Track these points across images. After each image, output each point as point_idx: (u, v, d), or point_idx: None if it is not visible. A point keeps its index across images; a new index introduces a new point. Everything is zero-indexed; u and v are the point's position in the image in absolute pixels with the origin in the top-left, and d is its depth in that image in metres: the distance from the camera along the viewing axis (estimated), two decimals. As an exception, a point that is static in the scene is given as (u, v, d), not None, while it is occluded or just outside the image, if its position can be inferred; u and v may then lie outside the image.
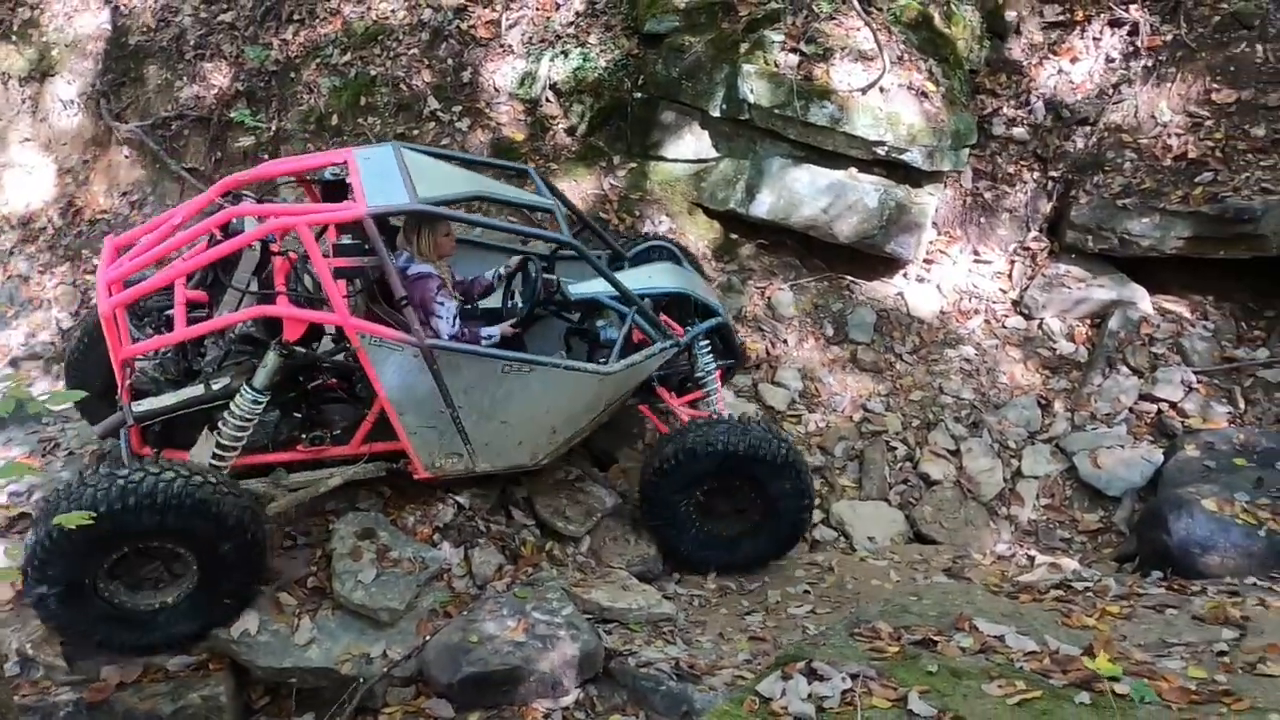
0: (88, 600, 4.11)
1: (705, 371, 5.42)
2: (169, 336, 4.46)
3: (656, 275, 5.52)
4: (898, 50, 7.08)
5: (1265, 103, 6.95)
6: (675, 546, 5.30)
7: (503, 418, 4.68)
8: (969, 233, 7.56)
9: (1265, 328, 6.88)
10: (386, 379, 4.42)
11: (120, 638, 4.26)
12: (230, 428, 4.40)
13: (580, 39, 7.81)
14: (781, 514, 5.16)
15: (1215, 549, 5.13)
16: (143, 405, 4.36)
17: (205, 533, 4.12)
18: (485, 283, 5.32)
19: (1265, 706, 2.79)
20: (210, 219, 4.58)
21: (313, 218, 4.43)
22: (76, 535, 3.81)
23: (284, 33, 8.64)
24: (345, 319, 4.32)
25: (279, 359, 4.34)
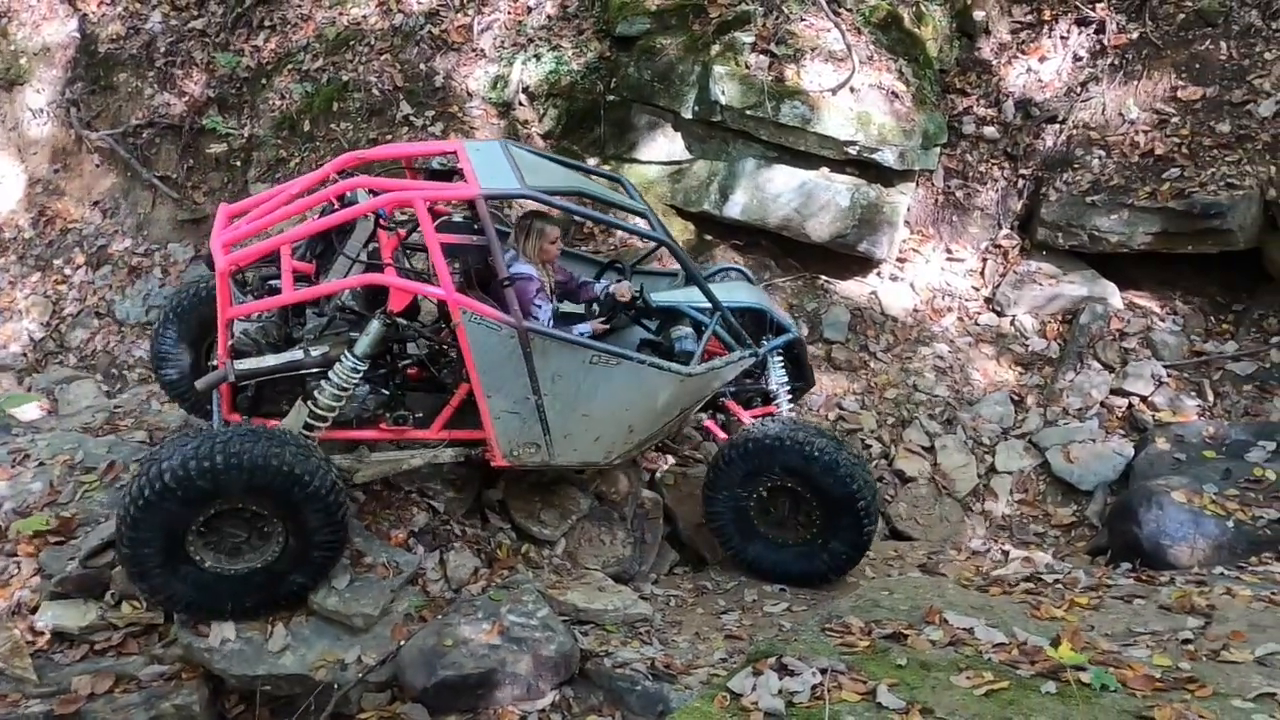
0: (178, 559, 4.16)
1: (777, 385, 5.44)
2: (276, 299, 4.58)
3: (733, 291, 5.58)
4: (867, 51, 7.13)
5: (1230, 99, 7.04)
6: (733, 547, 5.28)
7: (585, 410, 4.72)
8: (941, 231, 7.61)
9: (1233, 321, 6.97)
10: (480, 358, 4.49)
11: (200, 600, 4.29)
12: (326, 396, 4.46)
13: (552, 42, 7.82)
14: (841, 527, 5.02)
15: (1185, 540, 5.19)
16: (244, 364, 4.42)
17: (293, 497, 4.16)
18: (592, 293, 5.37)
19: (1228, 693, 2.82)
20: (328, 190, 4.73)
21: (429, 193, 4.59)
22: (170, 493, 3.97)
23: (255, 39, 8.61)
24: (450, 293, 4.41)
25: (382, 327, 4.42)
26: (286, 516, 4.22)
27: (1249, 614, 3.48)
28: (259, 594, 4.33)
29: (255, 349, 4.57)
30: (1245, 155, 6.82)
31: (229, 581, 4.27)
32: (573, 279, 5.42)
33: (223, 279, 4.44)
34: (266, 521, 4.25)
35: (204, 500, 4.09)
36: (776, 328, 5.45)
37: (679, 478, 6.01)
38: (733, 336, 5.13)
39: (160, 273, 8.18)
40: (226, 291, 4.48)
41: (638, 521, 5.60)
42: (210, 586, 4.26)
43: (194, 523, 4.14)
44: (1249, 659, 3.05)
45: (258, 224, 4.69)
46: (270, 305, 4.60)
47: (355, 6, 8.38)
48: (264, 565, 4.28)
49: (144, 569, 4.17)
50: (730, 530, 5.23)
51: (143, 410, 6.35)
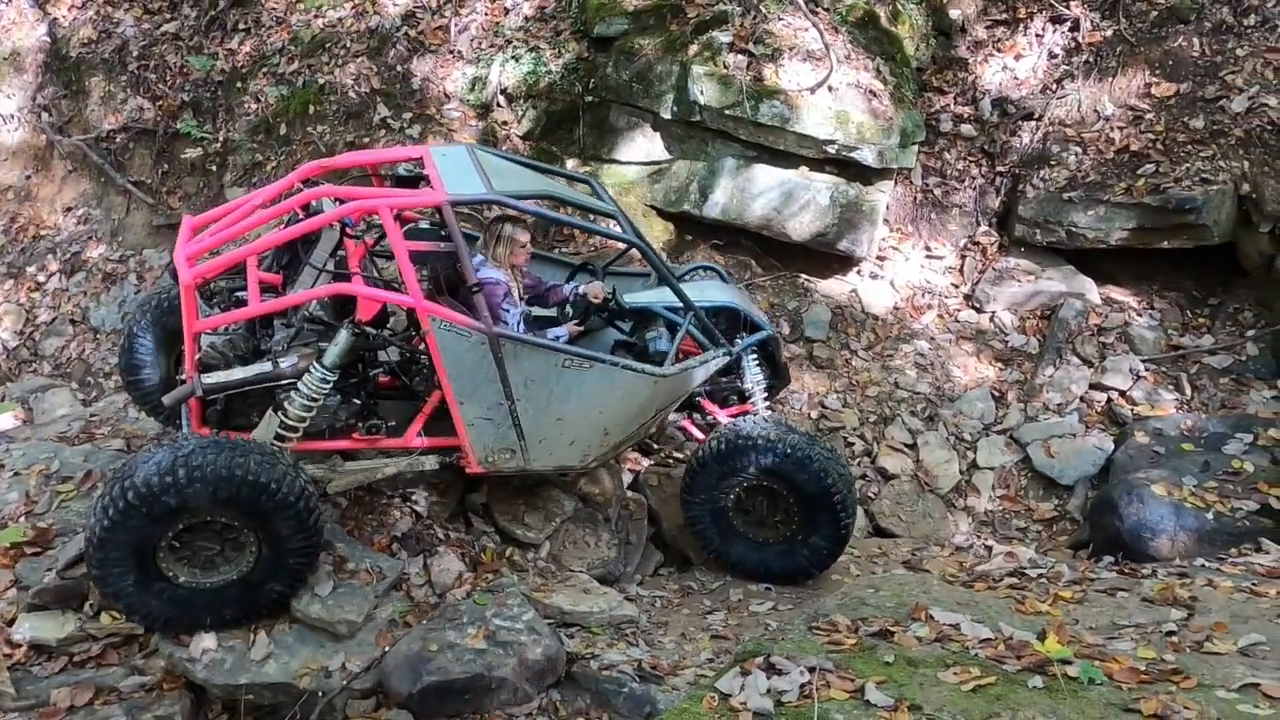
0: (150, 575, 4.11)
1: (753, 384, 5.43)
2: (243, 311, 4.52)
3: (707, 290, 5.58)
4: (845, 49, 7.15)
5: (1203, 95, 7.11)
6: (714, 549, 5.29)
7: (559, 414, 4.70)
8: (920, 229, 7.65)
9: (1209, 315, 7.03)
10: (451, 365, 4.45)
11: (177, 616, 4.25)
12: (296, 407, 4.42)
13: (530, 43, 7.79)
14: (819, 523, 5.05)
15: (1165, 532, 5.24)
16: (211, 378, 4.38)
17: (261, 506, 4.11)
18: (562, 295, 5.35)
19: (1212, 683, 2.85)
20: (292, 199, 4.68)
21: (394, 201, 4.54)
22: (138, 508, 3.92)
23: (230, 42, 8.54)
24: (419, 301, 4.38)
25: (350, 337, 4.39)
26: (257, 526, 4.17)
27: (1231, 605, 3.51)
28: (237, 605, 4.29)
29: (223, 362, 4.51)
30: (1219, 150, 6.89)
31: (205, 595, 4.22)
32: (541, 283, 5.40)
33: (188, 292, 4.37)
34: (238, 533, 4.20)
35: (171, 516, 4.04)
36: (751, 326, 5.45)
37: (662, 478, 6.01)
38: (706, 336, 5.13)
39: (135, 279, 8.09)
40: (193, 305, 4.41)
41: (622, 523, 5.59)
42: (186, 601, 4.21)
43: (163, 538, 4.09)
44: (1232, 650, 3.08)
45: (222, 236, 4.63)
46: (237, 318, 4.53)
47: (331, 9, 8.32)
48: (239, 577, 4.24)
49: (116, 589, 4.13)
50: (711, 532, 5.24)
51: (119, 418, 6.28)
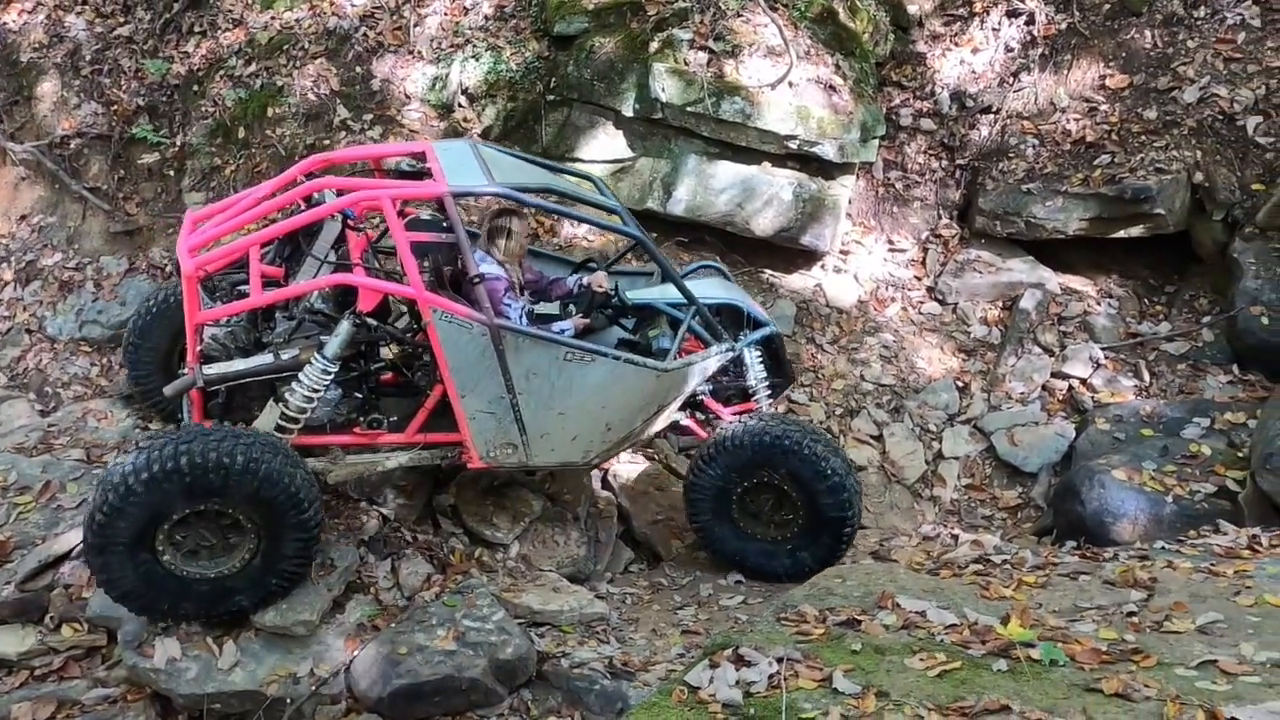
0: (149, 565, 4.12)
1: (756, 381, 5.39)
2: (244, 302, 4.52)
3: (709, 287, 5.56)
4: (804, 45, 7.19)
5: (1156, 86, 7.23)
6: (719, 548, 5.25)
7: (561, 408, 4.69)
8: (882, 222, 7.71)
9: (1166, 303, 7.15)
10: (452, 358, 4.45)
11: (179, 606, 4.26)
12: (297, 398, 4.42)
13: (490, 42, 7.76)
14: (824, 520, 5.00)
15: (1126, 517, 5.32)
16: (213, 369, 4.40)
17: (264, 498, 4.12)
18: (565, 288, 5.33)
19: (1171, 661, 2.89)
20: (294, 191, 4.69)
21: (396, 192, 4.57)
22: (138, 497, 3.95)
23: (185, 45, 8.42)
24: (420, 292, 4.38)
25: (352, 328, 4.40)
26: (257, 516, 4.19)
27: (1189, 585, 3.56)
28: (251, 592, 4.31)
29: (224, 354, 4.53)
30: (1172, 141, 7.01)
31: (210, 583, 4.26)
32: (543, 277, 5.39)
33: (190, 283, 4.38)
34: (239, 526, 4.22)
35: (203, 494, 4.06)
36: (753, 323, 5.43)
37: (631, 476, 6.01)
38: (709, 331, 5.11)
39: (93, 286, 7.96)
40: (194, 296, 4.43)
41: (591, 521, 5.59)
42: (199, 591, 4.25)
43: (164, 524, 4.10)
44: (1190, 628, 3.13)
45: (224, 228, 4.64)
46: (239, 309, 4.54)
47: (287, 10, 8.23)
48: (234, 571, 4.26)
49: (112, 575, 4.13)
50: (705, 505, 5.15)
51: (78, 428, 6.19)
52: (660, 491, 5.97)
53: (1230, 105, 6.96)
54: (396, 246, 4.47)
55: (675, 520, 5.88)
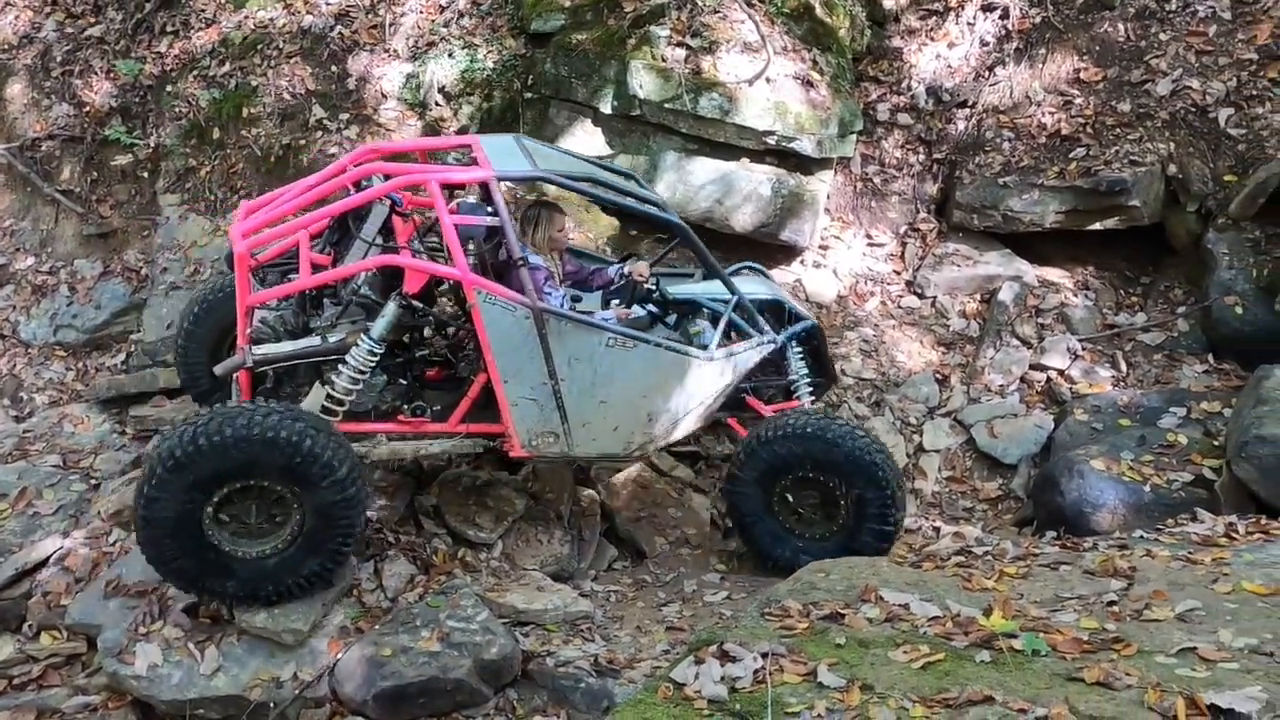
0: (196, 542, 4.16)
1: (798, 376, 5.33)
2: (293, 285, 4.64)
3: (750, 284, 5.53)
4: (782, 41, 7.20)
5: (1129, 79, 7.28)
6: (760, 546, 5.16)
7: (603, 396, 4.69)
8: (861, 217, 7.74)
9: (1141, 294, 7.21)
10: (495, 340, 4.49)
11: (223, 585, 4.29)
12: (343, 380, 4.50)
13: (466, 40, 7.73)
14: (867, 515, 4.91)
15: (1105, 506, 5.37)
16: (261, 350, 4.49)
17: (308, 474, 4.15)
18: (606, 277, 5.33)
19: (1151, 649, 2.92)
20: (343, 177, 4.85)
21: (442, 176, 4.66)
22: (185, 470, 4.02)
23: (158, 45, 8.34)
24: (465, 274, 4.44)
25: (398, 310, 4.47)
26: (300, 492, 4.22)
27: (1168, 573, 3.60)
28: (293, 572, 4.33)
29: (273, 336, 4.62)
30: (1146, 133, 7.07)
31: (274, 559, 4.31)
32: (583, 268, 5.41)
33: (241, 263, 4.49)
34: (283, 503, 4.27)
35: (244, 468, 4.10)
36: (794, 319, 5.39)
37: (614, 473, 6.01)
38: (750, 325, 5.09)
39: (67, 290, 7.87)
40: (245, 278, 4.54)
41: (574, 519, 5.58)
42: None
43: (209, 501, 4.16)
44: (1170, 616, 3.16)
45: (274, 214, 4.75)
46: (289, 290, 4.64)
47: (261, 9, 8.17)
48: (285, 544, 4.30)
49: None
50: (746, 502, 5.06)
51: (54, 433, 6.14)
52: (644, 489, 5.97)
53: (1202, 97, 7.02)
54: (442, 230, 4.54)
55: (659, 517, 5.88)
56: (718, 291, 5.12)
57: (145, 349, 7.02)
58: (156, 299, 7.22)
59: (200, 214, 7.70)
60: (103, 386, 6.77)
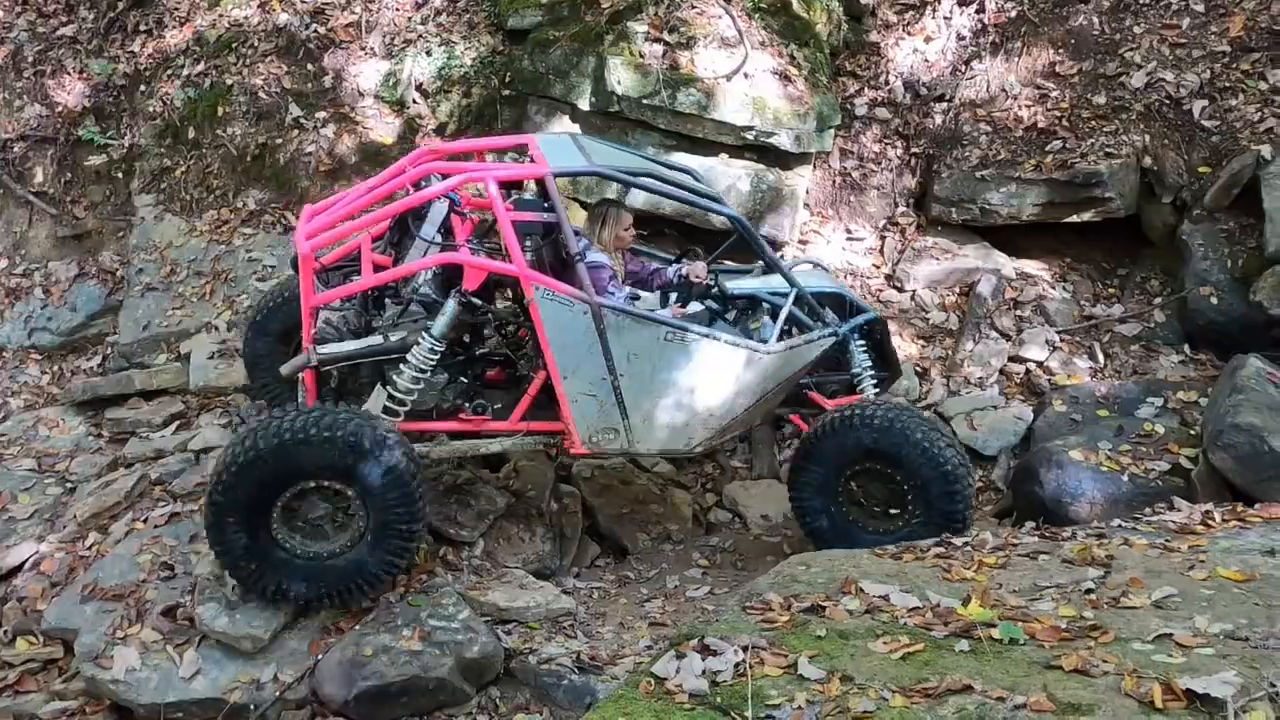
0: (263, 542, 4.26)
1: (861, 369, 5.26)
2: (356, 285, 4.72)
3: (809, 277, 5.49)
4: (759, 36, 7.21)
5: (1104, 72, 7.33)
6: (825, 542, 4.97)
7: (662, 391, 4.68)
8: (840, 211, 7.75)
9: (1118, 285, 7.27)
10: (554, 336, 4.50)
11: (290, 585, 4.36)
12: (405, 379, 4.55)
13: (443, 37, 7.71)
14: (934, 505, 4.80)
15: (1083, 496, 5.40)
16: (325, 349, 4.56)
17: (375, 476, 4.20)
18: (665, 278, 5.32)
19: (1128, 636, 2.94)
20: (402, 177, 4.92)
21: (499, 174, 4.72)
22: (253, 471, 4.13)
23: (131, 44, 8.28)
24: (523, 270, 4.47)
25: (458, 307, 4.51)
26: (362, 493, 4.28)
27: (1145, 561, 3.63)
28: (353, 574, 4.40)
29: (337, 336, 4.68)
30: (1121, 125, 7.12)
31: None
32: (645, 267, 5.42)
33: (305, 265, 4.55)
34: (348, 505, 4.34)
35: (303, 470, 4.21)
36: (856, 312, 5.34)
37: (595, 470, 6.00)
38: (811, 317, 5.05)
39: (42, 293, 7.80)
40: (310, 279, 4.60)
41: (556, 516, 5.58)
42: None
43: (277, 500, 4.25)
44: (1146, 604, 3.18)
45: (336, 215, 4.82)
46: (351, 290, 4.71)
47: (235, 7, 8.11)
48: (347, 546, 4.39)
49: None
50: (810, 495, 4.97)
51: (29, 437, 6.08)
52: (625, 485, 5.97)
53: (1176, 90, 7.08)
54: (500, 227, 4.57)
55: (640, 514, 5.88)
56: (777, 286, 5.07)
57: (121, 351, 6.96)
58: (132, 300, 7.16)
59: (176, 214, 7.65)
60: (78, 389, 6.71)
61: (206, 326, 6.82)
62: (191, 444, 5.81)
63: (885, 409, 4.87)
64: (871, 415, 4.82)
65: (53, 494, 5.60)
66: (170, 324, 6.89)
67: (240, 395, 6.27)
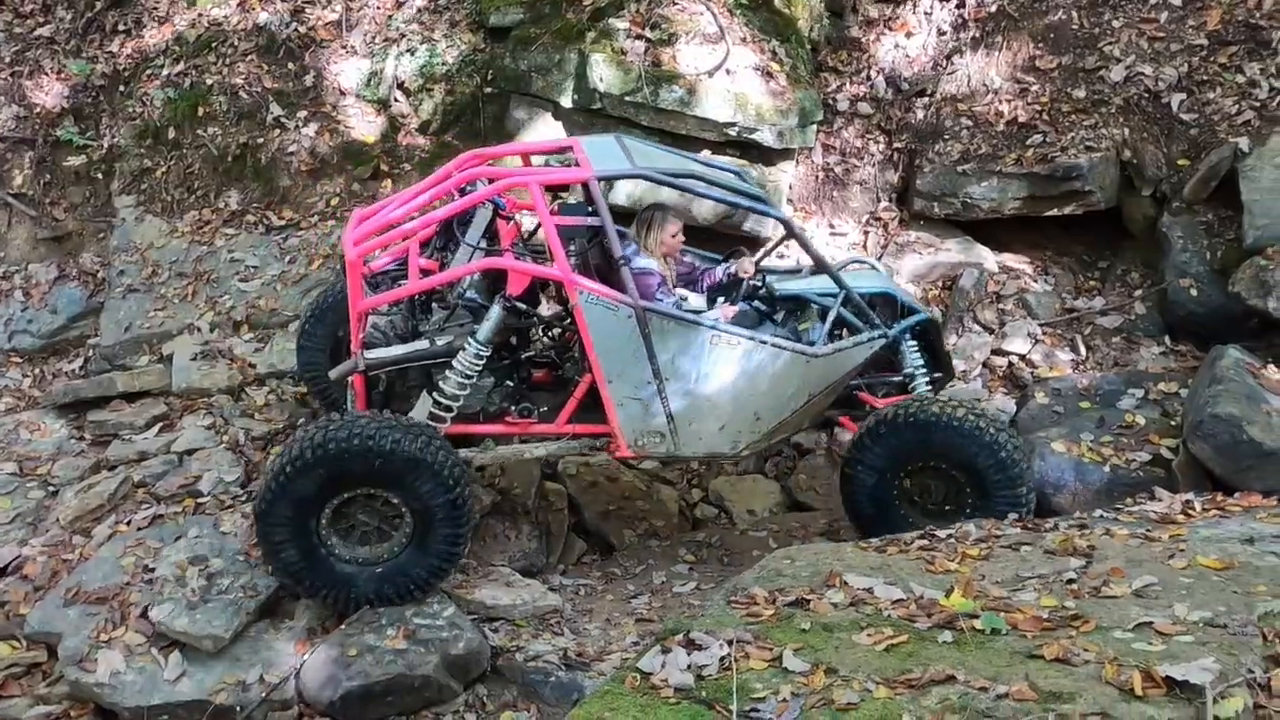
0: (312, 546, 4.33)
1: (913, 368, 5.20)
2: (403, 290, 4.78)
3: (860, 278, 5.43)
4: (741, 32, 7.22)
5: (1083, 66, 7.37)
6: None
7: (707, 394, 4.66)
8: (823, 207, 7.77)
9: (1099, 278, 7.31)
10: (599, 340, 4.49)
11: (359, 593, 4.43)
12: (451, 384, 4.56)
13: (425, 35, 7.69)
14: (991, 498, 4.73)
15: (1066, 487, 5.44)
16: (373, 354, 4.61)
17: (419, 483, 4.28)
18: (714, 278, 5.31)
19: (1109, 625, 2.97)
20: (448, 183, 4.94)
21: (543, 177, 4.75)
22: (303, 479, 4.20)
23: (109, 44, 8.23)
24: (567, 274, 4.47)
25: (503, 312, 4.55)
26: (410, 500, 4.35)
27: (1126, 551, 3.66)
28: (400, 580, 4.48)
29: (385, 340, 4.70)
30: (1101, 119, 7.15)
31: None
32: (695, 268, 5.40)
33: (353, 270, 4.58)
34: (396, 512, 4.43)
35: (350, 477, 4.27)
36: (907, 312, 5.27)
37: (581, 467, 6.01)
38: (860, 319, 4.99)
39: (22, 295, 7.74)
40: (358, 283, 4.63)
41: (542, 514, 5.59)
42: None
43: (325, 505, 4.33)
44: (1127, 593, 3.21)
45: (383, 221, 4.83)
46: (398, 296, 4.75)
47: (214, 7, 8.07)
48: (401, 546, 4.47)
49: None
50: (864, 495, 4.90)
51: (10, 440, 6.05)
52: (611, 481, 5.98)
53: (1155, 83, 7.12)
54: (544, 231, 4.57)
55: (626, 510, 5.89)
56: (826, 287, 5.01)
57: (103, 353, 6.91)
58: (114, 302, 7.11)
59: (157, 215, 7.61)
60: (60, 392, 6.66)
61: (189, 327, 6.78)
62: (174, 446, 5.79)
63: (928, 404, 4.79)
64: (917, 412, 4.73)
65: (35, 497, 5.57)
66: (152, 325, 6.85)
67: (225, 397, 6.24)
